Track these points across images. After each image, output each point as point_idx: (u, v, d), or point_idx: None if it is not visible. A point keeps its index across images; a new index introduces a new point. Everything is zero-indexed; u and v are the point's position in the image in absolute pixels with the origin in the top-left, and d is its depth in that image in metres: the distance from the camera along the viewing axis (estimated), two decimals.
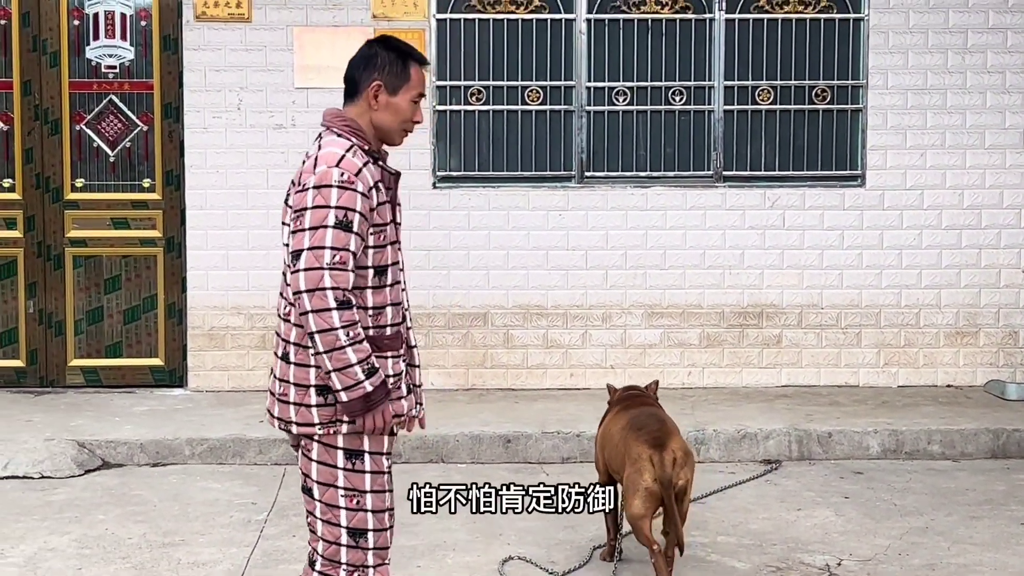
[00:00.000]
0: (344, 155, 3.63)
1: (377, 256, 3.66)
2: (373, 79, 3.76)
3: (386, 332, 3.71)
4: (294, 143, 8.30)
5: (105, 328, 8.42)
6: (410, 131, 3.87)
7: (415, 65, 3.81)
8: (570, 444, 7.20)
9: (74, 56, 8.31)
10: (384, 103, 3.76)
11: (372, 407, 3.59)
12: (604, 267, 8.49)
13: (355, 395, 3.55)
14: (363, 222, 3.58)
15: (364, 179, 3.61)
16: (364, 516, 3.71)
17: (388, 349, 3.72)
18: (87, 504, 6.24)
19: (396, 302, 3.76)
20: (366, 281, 3.65)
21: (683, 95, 8.51)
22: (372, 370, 3.56)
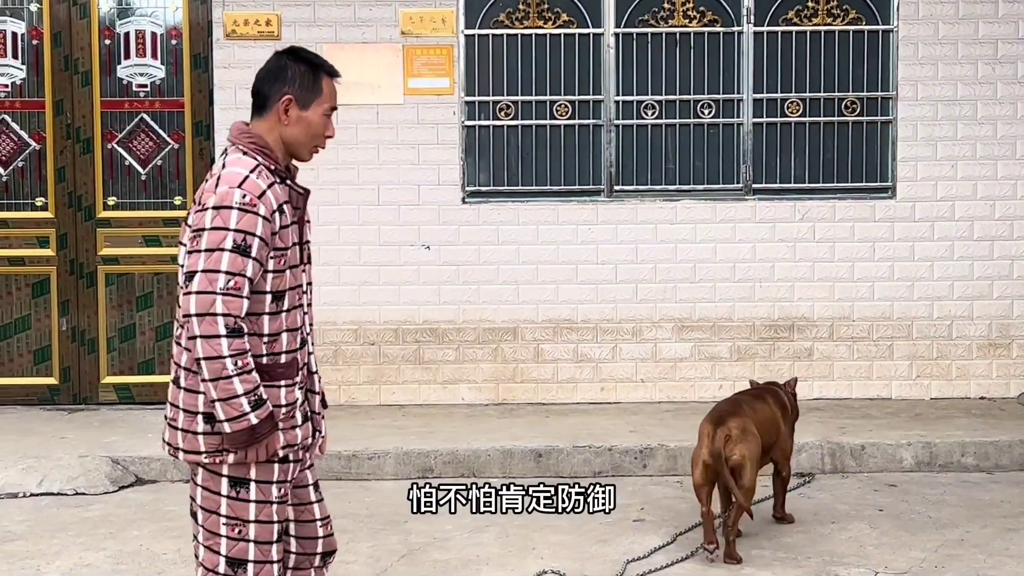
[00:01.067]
0: (248, 176, 3.49)
1: (276, 281, 3.54)
2: (284, 93, 3.61)
3: (280, 360, 3.59)
4: (324, 160, 8.24)
5: (137, 345, 8.47)
6: (322, 147, 3.74)
7: (327, 77, 3.68)
8: (602, 458, 7.19)
9: (105, 75, 8.37)
10: (295, 118, 3.62)
11: (257, 440, 3.48)
12: (634, 281, 8.48)
13: (239, 427, 3.44)
14: (263, 247, 3.46)
15: (267, 202, 3.47)
16: (245, 546, 3.58)
17: (282, 377, 3.59)
18: (122, 520, 6.27)
19: (293, 328, 3.62)
20: (263, 307, 3.52)
21: (712, 108, 8.50)
22: (259, 402, 3.45)
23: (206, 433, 3.52)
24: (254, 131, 3.61)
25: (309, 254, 3.75)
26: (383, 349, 8.44)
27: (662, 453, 7.21)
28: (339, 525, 6.10)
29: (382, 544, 5.87)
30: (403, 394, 8.46)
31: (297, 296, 3.64)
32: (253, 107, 3.67)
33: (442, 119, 8.39)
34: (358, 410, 8.29)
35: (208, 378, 3.41)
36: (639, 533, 6.03)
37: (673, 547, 5.80)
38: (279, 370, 3.58)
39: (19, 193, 8.42)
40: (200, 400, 3.52)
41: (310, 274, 3.77)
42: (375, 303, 8.43)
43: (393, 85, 8.36)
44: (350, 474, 7.10)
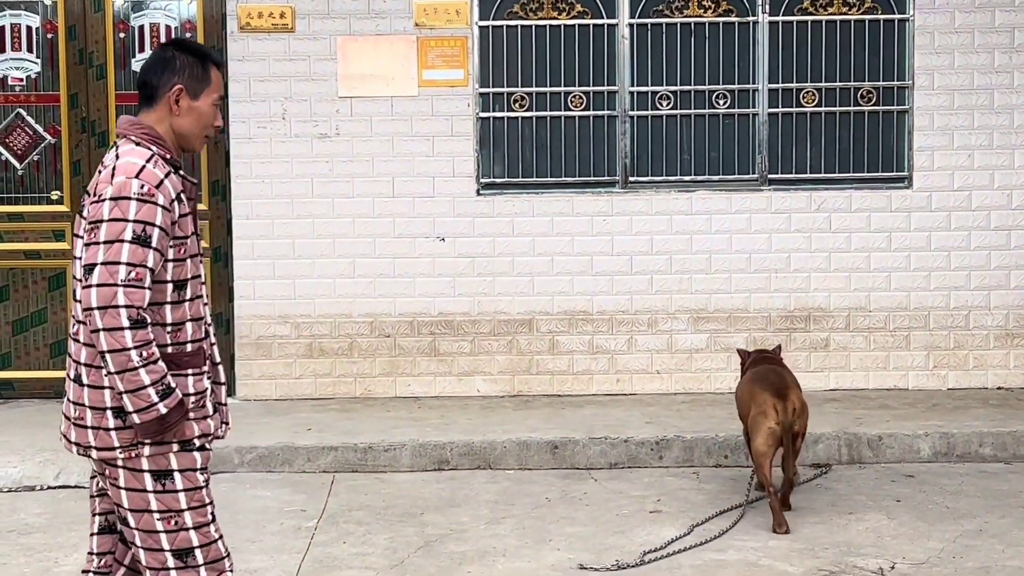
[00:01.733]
0: (144, 166, 3.46)
1: (177, 270, 3.51)
2: (174, 83, 3.58)
3: (186, 349, 3.56)
4: (339, 152, 8.34)
5: None
6: (211, 136, 3.74)
7: (214, 67, 3.67)
8: (617, 450, 7.18)
9: (120, 69, 8.39)
10: (186, 108, 3.60)
11: (167, 429, 3.45)
12: (649, 272, 8.47)
13: (149, 417, 3.40)
14: (163, 237, 3.43)
15: (165, 191, 3.45)
16: (187, 535, 3.55)
17: (189, 366, 3.56)
18: None
19: (197, 317, 3.60)
20: (165, 296, 3.49)
21: (727, 98, 8.48)
22: (167, 391, 3.42)
23: (118, 428, 3.48)
24: (145, 122, 3.59)
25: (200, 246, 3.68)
26: (398, 341, 8.44)
27: (678, 444, 7.19)
28: (355, 517, 6.14)
29: (399, 536, 5.87)
30: (419, 386, 8.46)
31: (199, 286, 3.62)
32: (140, 99, 3.65)
33: (456, 111, 8.38)
34: (374, 402, 8.30)
35: (114, 371, 3.37)
36: (656, 524, 6.02)
37: (690, 538, 5.79)
38: (185, 359, 3.55)
39: (35, 187, 8.44)
40: (107, 395, 3.48)
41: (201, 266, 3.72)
42: (390, 295, 8.43)
43: (407, 77, 8.35)
44: (366, 466, 7.10)
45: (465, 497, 6.56)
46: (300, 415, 7.90)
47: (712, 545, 5.69)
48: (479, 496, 6.58)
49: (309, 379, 8.43)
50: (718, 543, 5.72)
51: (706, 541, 5.71)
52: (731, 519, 6.05)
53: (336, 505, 6.40)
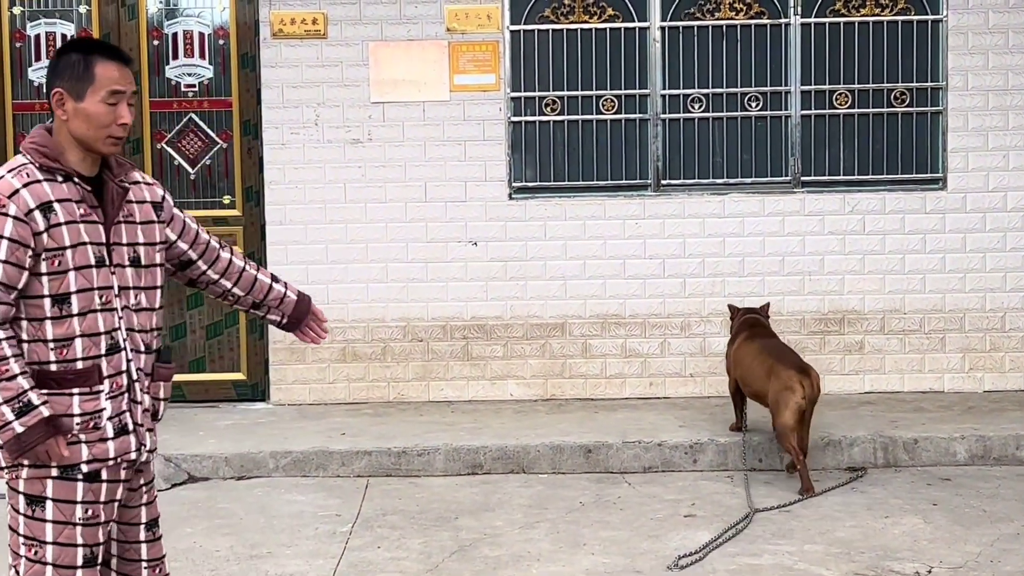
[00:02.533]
0: (3, 176, 3.34)
1: (55, 284, 3.33)
2: (54, 87, 3.42)
3: (76, 366, 3.37)
4: (371, 157, 8.37)
5: (188, 344, 8.54)
6: (118, 136, 3.45)
7: (102, 61, 3.41)
8: (651, 453, 7.17)
9: (154, 75, 8.44)
10: (72, 111, 3.40)
11: (28, 449, 3.29)
12: (682, 275, 8.45)
13: (4, 437, 3.28)
14: (16, 249, 3.27)
15: (20, 201, 3.29)
16: (41, 569, 3.38)
17: (75, 385, 3.37)
18: (175, 517, 6.31)
19: (92, 332, 3.38)
20: (43, 312, 3.33)
21: (759, 101, 8.45)
22: (25, 409, 3.27)
23: None
24: (40, 130, 3.46)
25: (134, 256, 3.50)
26: (431, 345, 8.46)
27: (712, 448, 7.17)
28: (389, 521, 6.15)
29: (433, 540, 5.88)
30: (452, 390, 8.48)
31: (99, 298, 3.40)
32: None
33: (488, 115, 8.39)
34: (407, 407, 8.31)
35: None
36: (690, 528, 6.01)
37: (725, 542, 5.77)
38: (69, 377, 3.37)
39: None
40: None
41: (143, 277, 3.52)
42: (423, 300, 8.44)
43: (439, 82, 8.37)
44: (400, 471, 7.12)
45: (499, 501, 6.56)
46: (334, 420, 7.93)
47: (747, 549, 5.68)
48: (513, 500, 6.58)
49: (343, 384, 8.46)
50: (753, 547, 5.70)
51: (733, 541, 5.70)
52: (765, 523, 6.04)
53: (370, 509, 6.42)
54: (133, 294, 3.49)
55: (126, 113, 3.44)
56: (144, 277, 3.53)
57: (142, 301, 3.51)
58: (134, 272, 3.49)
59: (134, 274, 3.49)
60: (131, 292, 3.48)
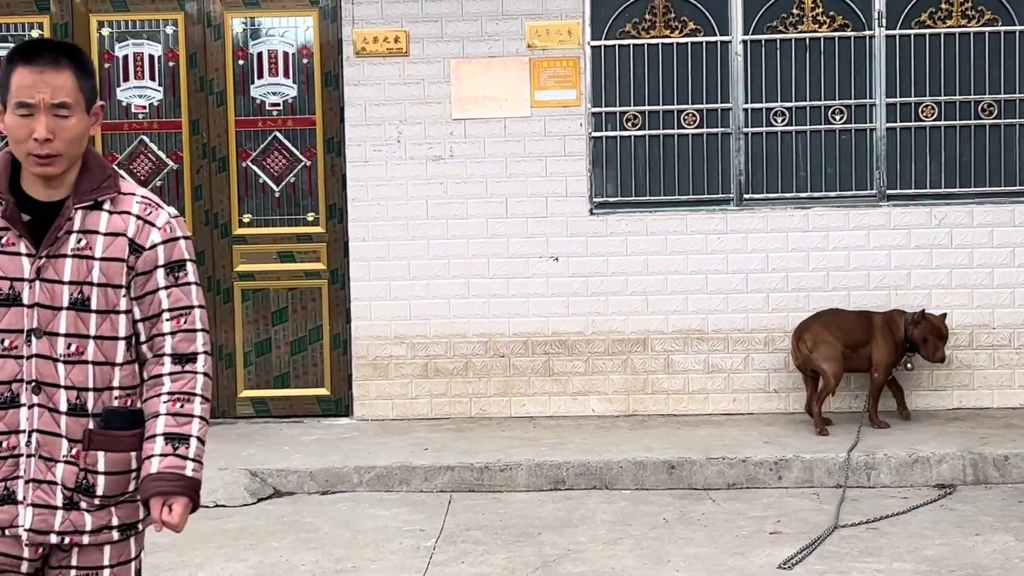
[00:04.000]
0: None
1: None
2: None
3: None
4: (452, 174, 8.40)
5: (273, 359, 8.62)
6: (39, 154, 2.87)
7: (20, 67, 2.87)
8: (736, 470, 7.11)
9: (239, 95, 8.55)
10: (2, 126, 2.93)
11: None
12: (765, 290, 8.38)
13: None
14: None
15: None
16: None
17: None
18: (261, 532, 6.37)
19: None
20: None
21: (843, 114, 8.37)
22: None
23: None
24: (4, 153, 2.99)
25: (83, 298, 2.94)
26: (513, 361, 8.47)
27: (798, 464, 7.10)
28: (472, 536, 6.16)
29: (516, 556, 5.88)
30: (533, 406, 8.47)
31: (2, 343, 2.90)
32: None
33: (569, 131, 8.39)
34: (489, 422, 8.32)
35: None
36: (775, 545, 5.94)
37: (812, 559, 5.70)
38: None
39: None
40: None
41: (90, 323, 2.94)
42: (504, 315, 8.46)
43: (520, 98, 8.39)
44: (482, 486, 7.12)
45: (582, 517, 6.54)
46: (416, 435, 7.96)
47: (835, 567, 5.60)
48: (596, 516, 6.56)
49: (425, 399, 8.49)
50: (840, 565, 5.63)
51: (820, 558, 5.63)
52: (852, 540, 5.96)
53: (454, 524, 6.43)
54: (65, 342, 2.91)
55: (39, 127, 2.85)
56: (94, 324, 2.94)
57: (86, 352, 2.93)
58: (74, 316, 2.92)
59: (73, 319, 2.92)
60: (60, 340, 2.91)
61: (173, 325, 3.02)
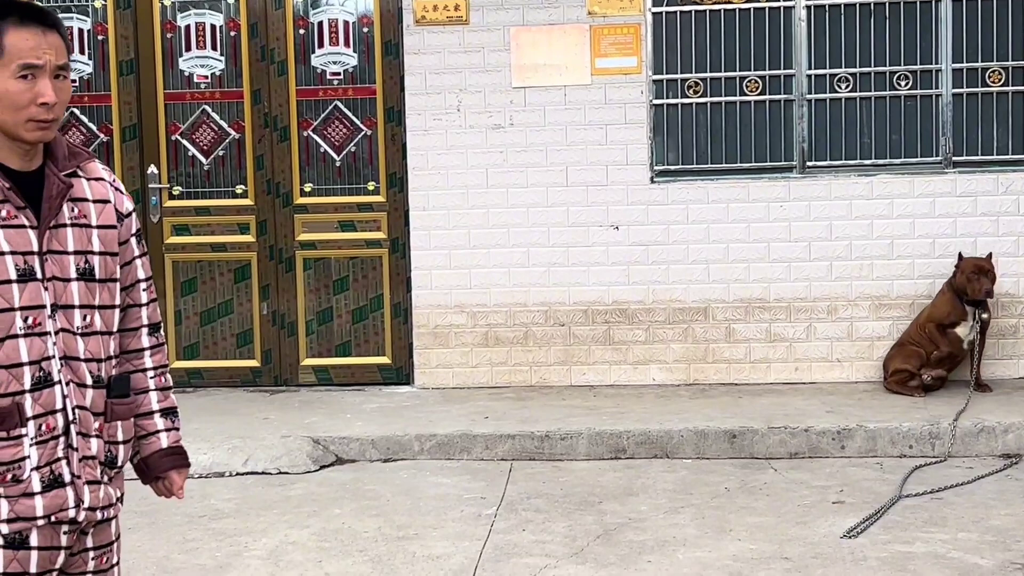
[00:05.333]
0: None
1: None
2: None
3: None
4: (512, 142, 8.38)
5: (335, 328, 8.67)
6: (43, 119, 2.73)
7: (13, 28, 2.69)
8: (798, 439, 7.06)
9: (300, 64, 8.57)
10: None
11: None
12: (828, 258, 8.30)
13: None
14: None
15: None
16: None
17: None
18: (324, 499, 6.43)
19: (10, 364, 2.71)
20: None
21: (909, 79, 8.25)
22: None
23: None
24: None
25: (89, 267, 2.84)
26: (573, 330, 8.46)
27: (861, 434, 7.04)
28: (533, 505, 6.17)
29: (577, 524, 5.88)
30: (593, 375, 8.46)
31: (22, 321, 2.73)
32: None
33: (630, 98, 8.34)
34: (549, 391, 8.33)
35: None
36: (838, 515, 5.90)
37: (875, 528, 5.66)
38: None
39: (220, 181, 8.70)
40: None
41: (97, 293, 2.86)
42: (564, 284, 8.44)
43: (580, 66, 8.35)
44: (543, 454, 7.13)
45: (643, 486, 6.54)
46: (477, 403, 7.98)
47: (899, 536, 5.56)
48: (657, 485, 6.55)
49: (485, 368, 8.50)
50: (905, 535, 5.58)
51: (884, 528, 5.59)
52: (916, 510, 5.91)
53: (515, 492, 6.45)
54: (80, 314, 2.81)
55: (48, 90, 2.72)
56: (99, 294, 2.86)
57: (95, 323, 2.84)
58: (84, 287, 2.82)
59: (83, 290, 2.82)
60: (77, 312, 2.81)
61: (148, 295, 3.04)
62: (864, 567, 5.20)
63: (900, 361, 7.90)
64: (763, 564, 5.27)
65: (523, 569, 5.28)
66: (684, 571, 5.22)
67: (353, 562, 5.44)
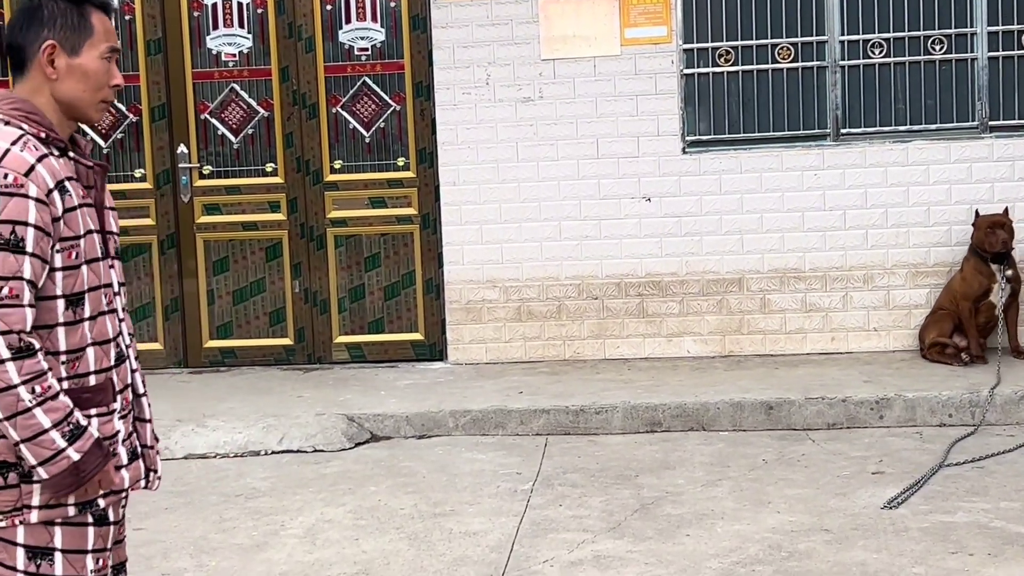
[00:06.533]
0: (9, 149, 2.66)
1: (69, 281, 2.71)
2: (44, 39, 2.76)
3: (88, 382, 2.76)
4: (542, 115, 8.32)
5: (367, 305, 8.64)
6: (110, 100, 2.86)
7: (97, 12, 2.81)
8: (836, 410, 7.00)
9: (328, 40, 8.52)
10: (65, 68, 2.77)
11: (86, 478, 2.69)
12: (864, 227, 8.20)
13: (58, 469, 2.65)
14: (42, 238, 2.65)
15: (39, 179, 2.65)
16: None
17: (91, 405, 2.76)
18: (359, 476, 6.41)
19: (102, 340, 2.79)
20: (55, 316, 2.70)
21: (944, 44, 8.13)
22: (76, 432, 2.67)
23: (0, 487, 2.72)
24: (17, 95, 2.79)
25: (117, 248, 2.93)
26: (606, 303, 8.40)
27: (899, 403, 6.97)
28: (570, 480, 6.14)
29: (614, 498, 5.85)
30: (627, 348, 8.41)
31: (104, 299, 2.81)
32: (11, 68, 2.84)
33: (660, 68, 8.25)
34: (583, 365, 8.28)
35: (1, 417, 2.63)
36: (878, 486, 5.84)
37: (916, 499, 5.60)
38: (86, 396, 2.75)
39: (250, 160, 8.67)
40: None
41: (121, 272, 2.94)
42: (597, 257, 8.38)
43: (610, 36, 8.27)
44: (578, 428, 7.10)
45: (679, 459, 6.49)
46: (511, 378, 7.95)
47: (940, 506, 5.50)
48: (693, 458, 6.50)
49: (518, 342, 8.47)
50: (946, 504, 5.52)
51: (925, 498, 5.52)
52: (957, 480, 5.84)
53: (550, 467, 6.42)
54: (124, 292, 2.95)
55: (118, 74, 2.87)
56: (119, 273, 2.95)
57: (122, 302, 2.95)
58: (119, 266, 2.94)
59: (119, 269, 2.93)
60: (123, 291, 2.94)
61: None
62: (905, 538, 5.14)
63: (935, 330, 7.81)
64: (803, 536, 5.22)
65: (560, 544, 5.25)
66: (723, 544, 5.18)
67: (390, 539, 5.42)
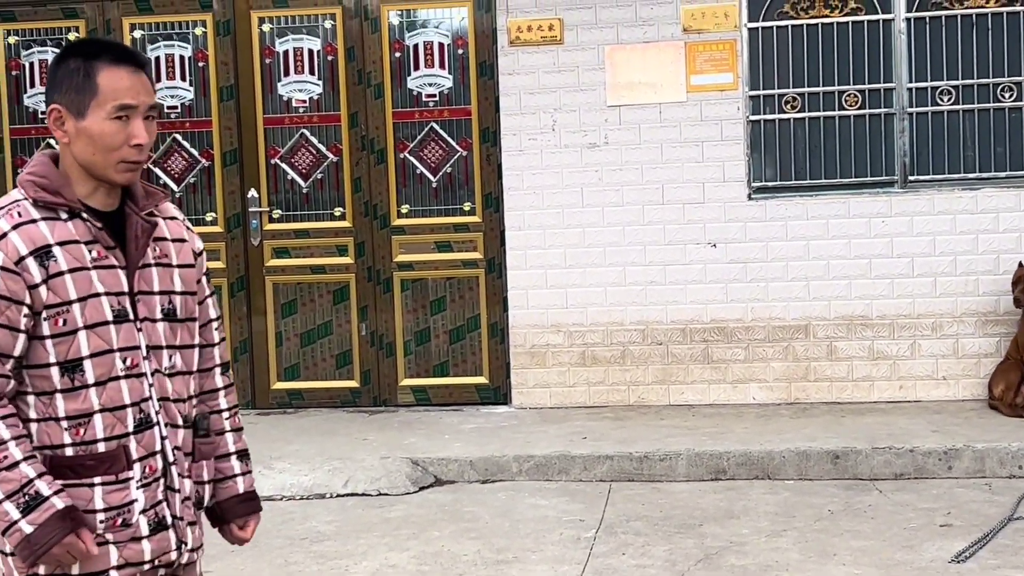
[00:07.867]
0: None
1: (62, 348, 2.68)
2: (51, 104, 2.74)
3: (96, 449, 2.70)
4: (607, 161, 8.36)
5: (432, 348, 8.70)
6: (133, 160, 2.74)
7: (108, 68, 2.70)
8: (903, 460, 6.92)
9: (396, 87, 8.63)
10: (74, 132, 2.72)
11: (40, 553, 2.62)
12: (932, 274, 8.14)
13: (13, 541, 2.62)
14: (6, 308, 2.63)
15: (9, 246, 2.64)
16: None
17: (96, 473, 2.70)
18: (423, 521, 6.44)
19: (115, 406, 2.72)
20: (51, 383, 2.68)
21: (1013, 91, 8.07)
22: (32, 502, 2.60)
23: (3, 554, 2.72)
24: (43, 157, 2.79)
25: (167, 307, 2.84)
26: (671, 349, 8.39)
27: (968, 454, 6.88)
28: (633, 528, 6.13)
29: (678, 548, 5.82)
30: (692, 394, 8.39)
31: (122, 363, 2.74)
32: None
33: (726, 115, 8.27)
34: (647, 410, 8.27)
35: None
36: (946, 539, 5.77)
37: (984, 552, 5.52)
38: (90, 463, 2.70)
39: (319, 204, 8.78)
40: None
41: (179, 333, 2.87)
42: (661, 302, 8.38)
43: (675, 83, 8.30)
44: (642, 475, 7.08)
45: (744, 508, 6.45)
46: (575, 423, 7.95)
47: (1009, 561, 5.42)
48: (758, 507, 6.46)
49: (582, 387, 8.47)
50: (1016, 559, 5.44)
51: (993, 552, 5.44)
52: None
53: (613, 515, 6.41)
54: (167, 355, 2.84)
55: (141, 131, 2.74)
56: (180, 334, 2.88)
57: (177, 363, 2.86)
58: (168, 328, 2.84)
59: (168, 330, 2.84)
60: (164, 353, 2.83)
61: (219, 334, 3.06)
62: None
63: (1003, 381, 7.71)
64: None
65: None
66: None
67: None
